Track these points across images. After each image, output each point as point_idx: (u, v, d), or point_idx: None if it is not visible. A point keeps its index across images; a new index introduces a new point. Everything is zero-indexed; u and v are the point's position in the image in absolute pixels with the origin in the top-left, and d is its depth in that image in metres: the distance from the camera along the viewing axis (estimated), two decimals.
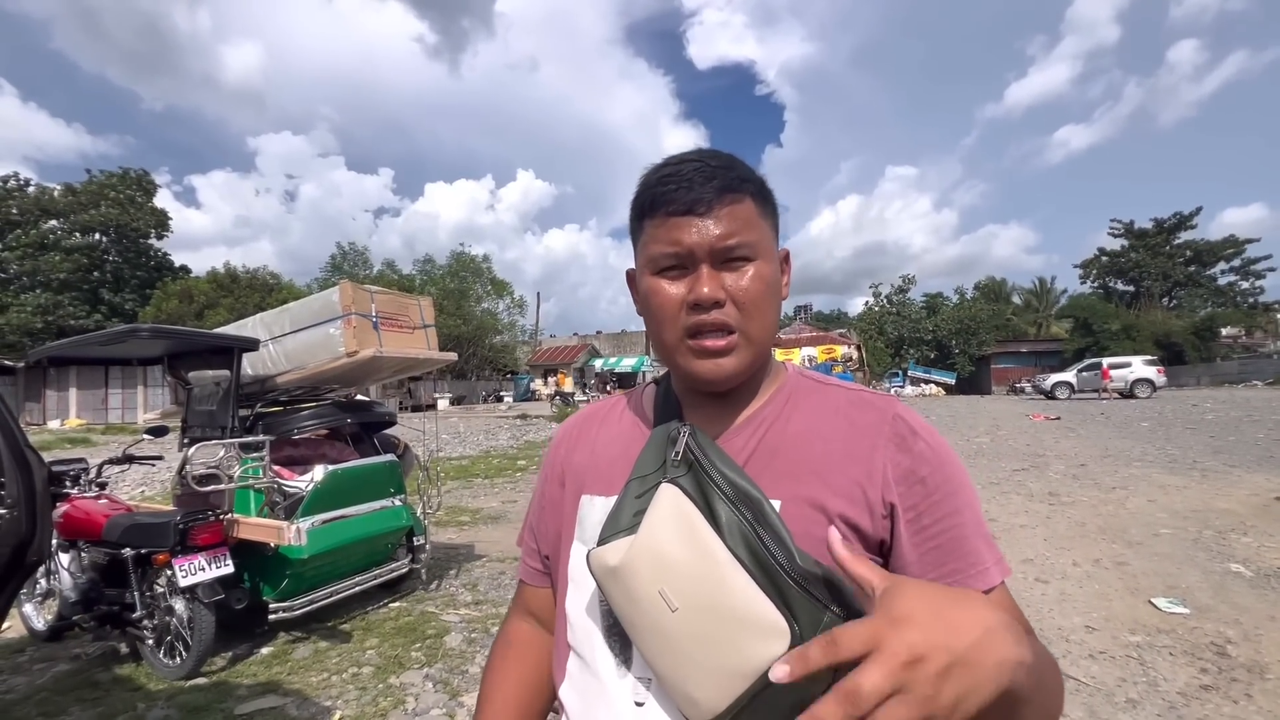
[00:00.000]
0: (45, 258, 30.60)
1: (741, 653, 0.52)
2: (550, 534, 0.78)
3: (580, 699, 0.67)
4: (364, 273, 37.79)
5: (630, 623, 0.60)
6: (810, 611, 0.52)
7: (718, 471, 0.60)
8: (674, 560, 0.57)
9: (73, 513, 3.46)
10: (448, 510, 6.54)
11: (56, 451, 12.71)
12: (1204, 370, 32.65)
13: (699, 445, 0.63)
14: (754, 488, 0.59)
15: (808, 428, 0.66)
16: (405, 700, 2.78)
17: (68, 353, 4.14)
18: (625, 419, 0.78)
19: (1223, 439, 10.28)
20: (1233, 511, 5.54)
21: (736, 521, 0.56)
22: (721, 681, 0.53)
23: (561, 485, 0.78)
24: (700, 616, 0.54)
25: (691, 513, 0.58)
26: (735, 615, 0.53)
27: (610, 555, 0.60)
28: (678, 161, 0.65)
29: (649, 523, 0.60)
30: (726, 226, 0.62)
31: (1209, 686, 2.69)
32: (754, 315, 0.63)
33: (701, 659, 0.54)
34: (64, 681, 3.08)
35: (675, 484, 0.61)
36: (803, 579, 0.52)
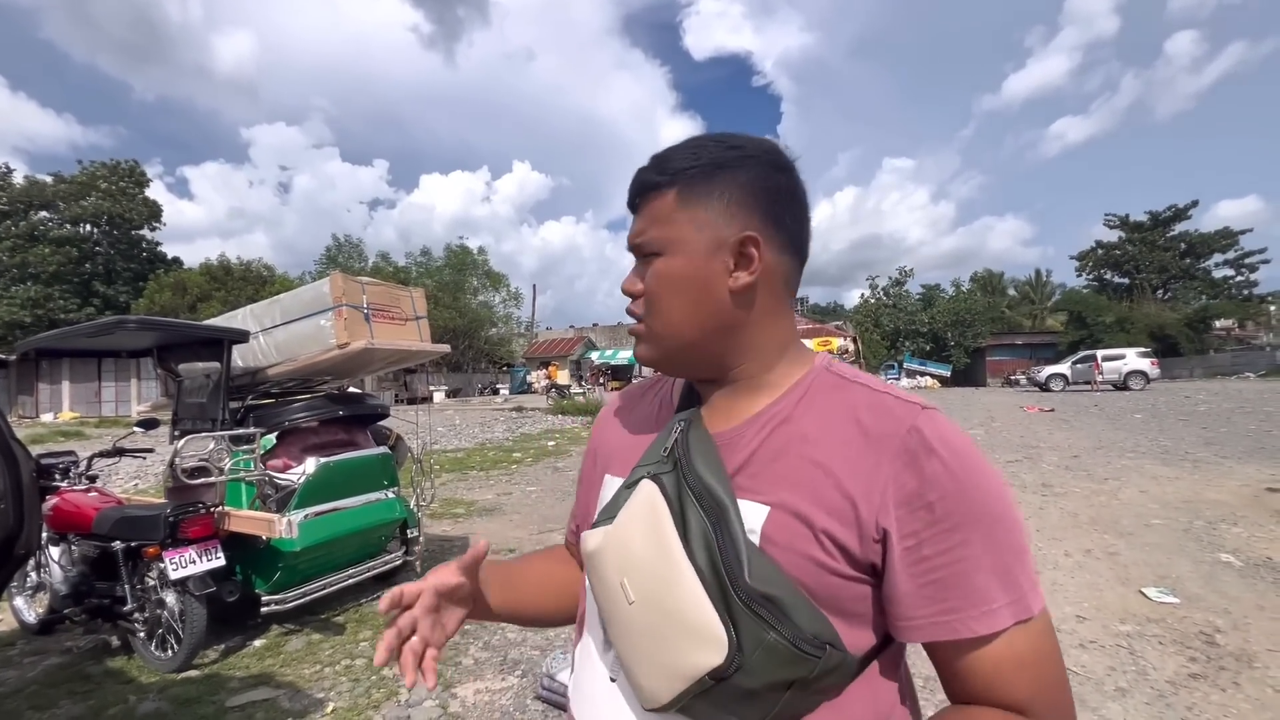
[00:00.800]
0: (35, 250, 30.33)
1: (682, 655, 0.54)
2: (583, 509, 0.81)
3: (580, 666, 0.72)
4: (359, 265, 37.60)
5: (601, 606, 0.64)
6: (753, 629, 0.52)
7: (693, 472, 0.60)
8: (636, 555, 0.59)
9: (62, 506, 3.44)
10: (442, 503, 6.53)
11: (49, 444, 12.64)
12: (1197, 362, 32.85)
13: (685, 442, 0.63)
14: (726, 494, 0.58)
15: (816, 431, 0.60)
16: (398, 692, 2.77)
17: (56, 345, 4.10)
18: (656, 400, 0.78)
19: (1215, 430, 10.35)
20: (1223, 502, 5.58)
21: (702, 525, 0.57)
22: (663, 677, 0.56)
23: (594, 463, 0.80)
24: (652, 613, 0.57)
25: (661, 511, 0.59)
26: (681, 619, 0.54)
27: (591, 540, 0.64)
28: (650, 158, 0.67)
29: (624, 514, 0.62)
30: (639, 224, 0.65)
31: (1197, 675, 2.71)
32: (652, 311, 0.65)
33: (650, 653, 0.57)
34: (55, 675, 3.07)
35: (657, 480, 0.62)
36: (748, 596, 0.53)
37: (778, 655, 0.52)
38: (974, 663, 0.55)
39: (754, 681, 0.52)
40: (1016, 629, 0.54)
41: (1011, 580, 0.54)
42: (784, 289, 0.65)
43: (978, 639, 0.54)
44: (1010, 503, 0.56)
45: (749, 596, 0.52)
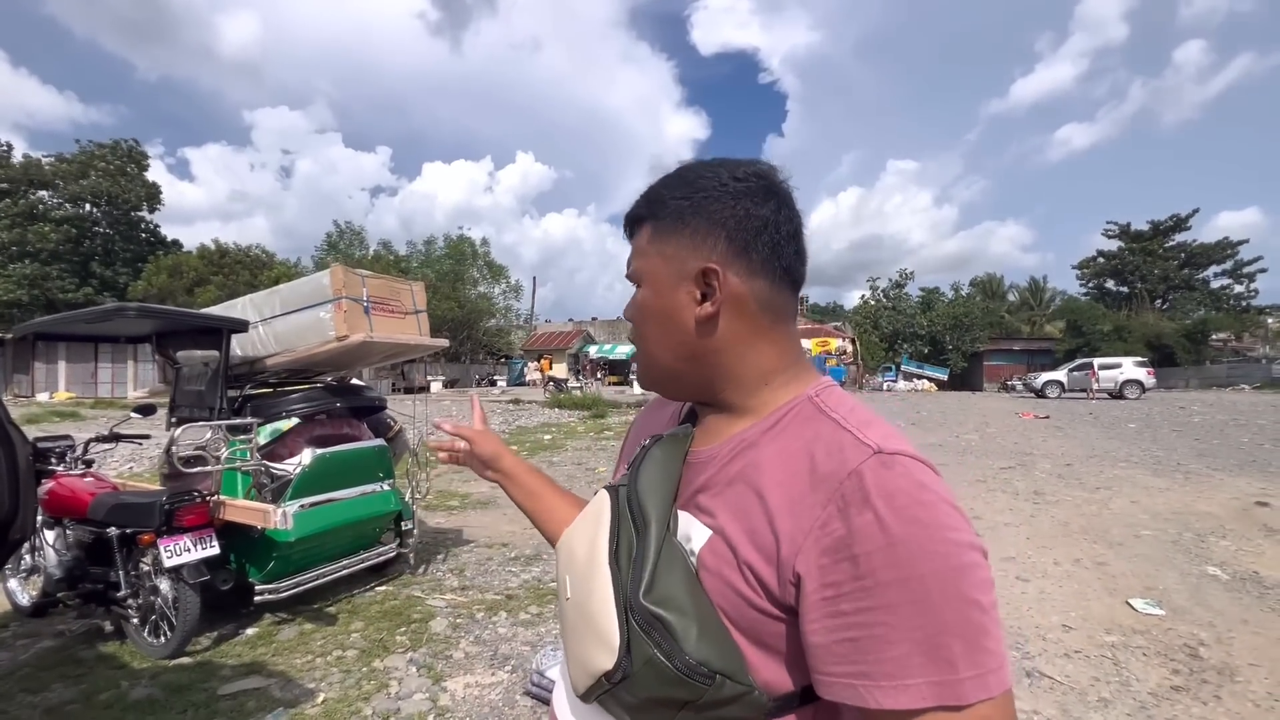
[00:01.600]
0: (34, 228, 30.18)
1: (588, 654, 0.59)
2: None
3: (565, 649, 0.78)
4: (360, 253, 37.47)
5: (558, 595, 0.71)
6: (640, 645, 0.55)
7: (634, 487, 0.64)
8: (576, 556, 0.65)
9: (58, 490, 3.45)
10: (437, 495, 6.55)
11: (45, 425, 12.62)
12: (1193, 373, 32.97)
13: (644, 455, 0.68)
14: (656, 509, 0.61)
15: (770, 462, 0.59)
16: (389, 684, 2.80)
17: (55, 329, 4.10)
18: (668, 413, 0.82)
19: (1208, 442, 10.41)
20: (1213, 515, 5.62)
21: (629, 539, 0.61)
22: (579, 671, 0.61)
23: (618, 466, 0.86)
24: (576, 611, 0.62)
25: (603, 519, 0.64)
26: (592, 620, 0.59)
27: (561, 537, 0.71)
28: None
29: (579, 518, 0.69)
30: (630, 255, 0.69)
31: (1180, 688, 2.74)
32: (637, 338, 0.71)
33: (572, 645, 0.63)
34: (47, 658, 3.08)
35: (612, 489, 0.67)
36: (637, 612, 0.55)
37: (659, 673, 0.53)
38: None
39: (641, 692, 0.55)
40: (940, 714, 0.46)
41: (940, 658, 0.46)
42: (761, 316, 0.63)
43: (891, 713, 0.47)
44: (963, 570, 0.48)
45: (640, 614, 0.55)
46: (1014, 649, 3.13)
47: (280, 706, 2.60)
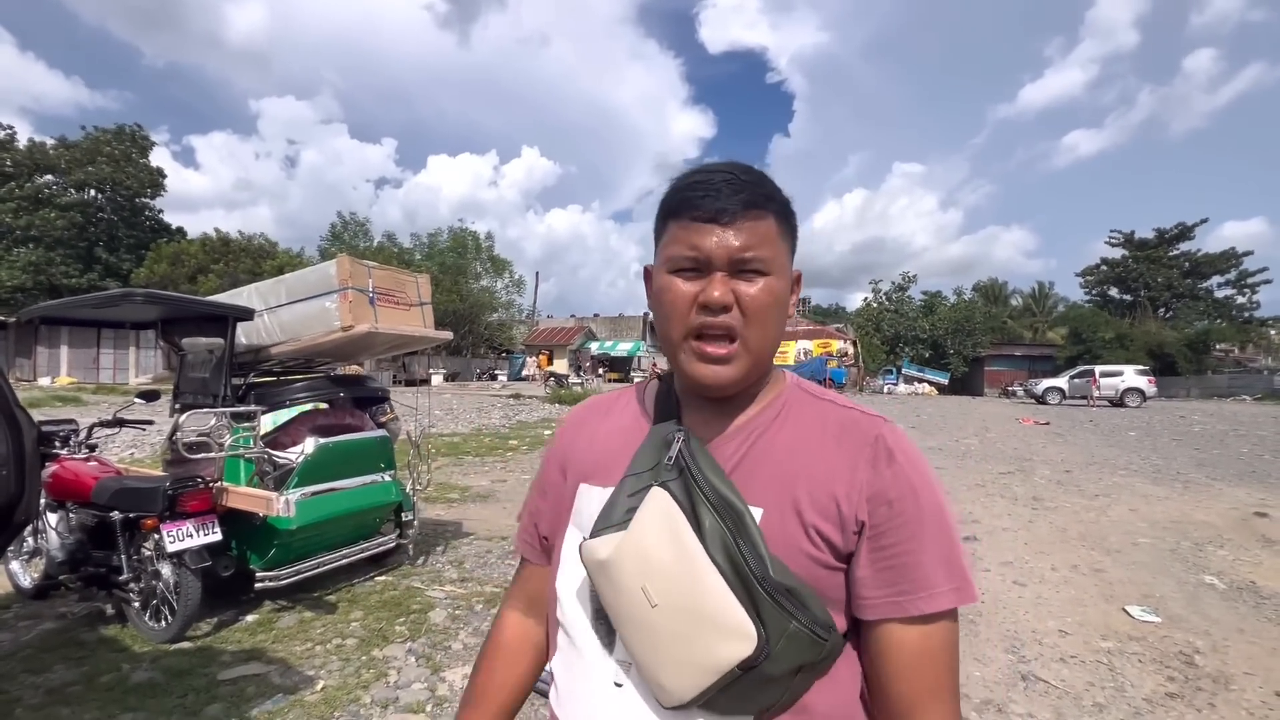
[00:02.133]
0: (39, 213, 30.20)
1: (711, 651, 0.58)
2: (550, 517, 0.81)
3: (567, 673, 0.72)
4: (364, 244, 37.50)
5: (614, 612, 0.65)
6: (778, 620, 0.57)
7: (705, 480, 0.64)
8: (657, 560, 0.61)
9: (62, 473, 3.46)
10: (437, 487, 6.57)
11: (47, 409, 12.66)
12: (1195, 382, 32.91)
13: (690, 452, 0.66)
14: (738, 498, 0.63)
15: (795, 440, 0.68)
16: (388, 673, 2.81)
17: (60, 313, 4.11)
18: (628, 413, 0.80)
19: (1207, 451, 10.41)
20: (1211, 524, 5.63)
21: (718, 529, 0.61)
22: (692, 674, 0.59)
23: (563, 472, 0.80)
24: (676, 614, 0.60)
25: (677, 516, 0.63)
26: (708, 616, 0.58)
27: (601, 549, 0.65)
28: (710, 170, 0.67)
29: (638, 522, 0.64)
30: (746, 239, 0.64)
31: (1174, 694, 2.75)
32: (757, 326, 0.65)
33: (675, 652, 0.60)
34: (49, 640, 3.11)
35: (665, 487, 0.65)
36: (773, 589, 0.58)
37: (799, 642, 0.58)
38: (901, 645, 0.63)
39: (777, 668, 0.58)
40: (943, 623, 0.63)
41: (954, 569, 0.63)
42: None
43: (918, 617, 0.62)
44: (947, 505, 0.66)
45: (774, 590, 0.58)
46: (1010, 653, 3.14)
47: (280, 693, 2.62)
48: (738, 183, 0.65)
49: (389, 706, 2.55)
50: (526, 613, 0.84)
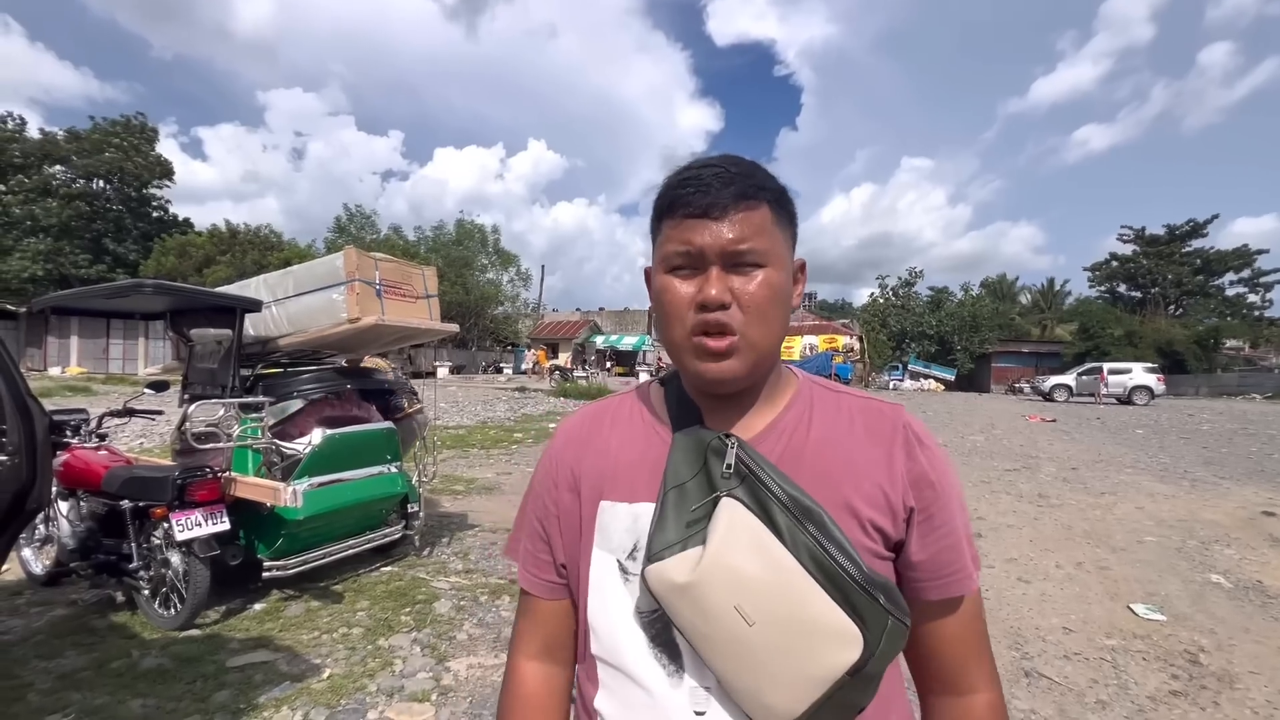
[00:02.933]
0: (46, 203, 30.38)
1: (819, 660, 0.57)
2: (567, 542, 0.75)
3: (624, 709, 0.66)
4: (370, 236, 37.53)
5: (702, 636, 0.60)
6: (877, 617, 0.58)
7: (776, 484, 0.63)
8: (748, 576, 0.59)
9: (73, 462, 3.50)
10: (443, 479, 6.60)
11: (57, 399, 12.79)
12: (1204, 380, 32.65)
13: (751, 458, 0.64)
14: (811, 500, 0.62)
15: (827, 435, 0.69)
16: (393, 662, 2.84)
17: (71, 304, 4.14)
18: (637, 421, 0.76)
19: (1215, 450, 10.34)
20: (1218, 523, 5.60)
21: (799, 534, 0.60)
22: (799, 689, 0.58)
23: (574, 491, 0.74)
24: (777, 629, 0.58)
25: (758, 527, 0.61)
26: (812, 626, 0.58)
27: (675, 572, 0.60)
28: (700, 166, 0.65)
29: (717, 537, 0.61)
30: (739, 231, 0.62)
31: (1178, 693, 2.75)
32: (757, 320, 0.64)
33: (778, 669, 0.58)
34: (60, 626, 3.15)
35: (734, 497, 0.63)
36: (872, 587, 0.58)
37: (896, 636, 0.59)
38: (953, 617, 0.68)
39: (879, 667, 0.58)
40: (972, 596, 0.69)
41: (972, 545, 0.69)
42: None
43: (959, 599, 0.67)
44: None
45: (873, 587, 0.58)
46: (1013, 649, 3.14)
47: (287, 680, 2.65)
48: (727, 175, 0.63)
49: (394, 695, 2.58)
50: (545, 659, 0.77)
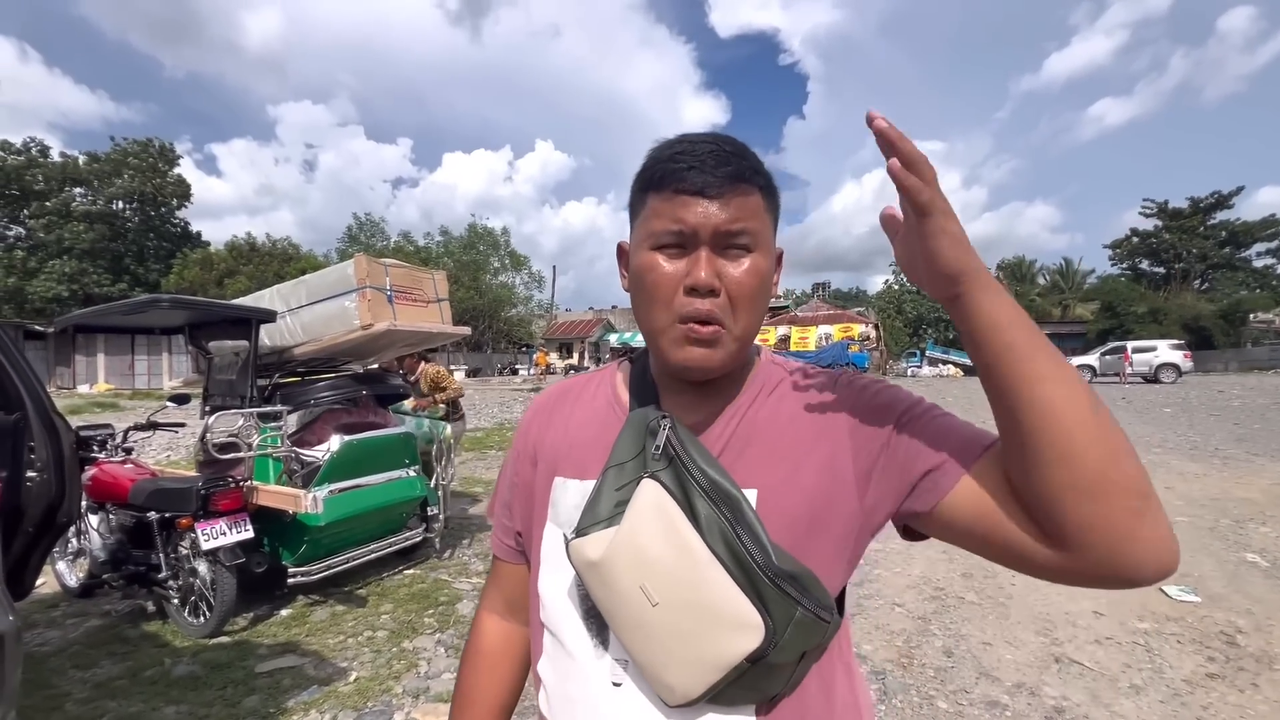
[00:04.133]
0: (70, 226, 31.14)
1: (718, 646, 0.56)
2: (523, 513, 0.78)
3: (557, 676, 0.69)
4: (381, 244, 37.93)
5: (610, 613, 0.62)
6: (783, 608, 0.55)
7: (698, 468, 0.60)
8: (655, 557, 0.58)
9: (100, 476, 3.58)
10: (462, 481, 6.65)
11: (86, 416, 13.09)
12: (1233, 355, 31.83)
13: (679, 440, 0.63)
14: (732, 485, 0.60)
15: (776, 413, 0.67)
16: (418, 664, 2.87)
17: (93, 321, 4.24)
18: (599, 399, 0.76)
19: (1247, 426, 10.07)
20: (1252, 501, 5.45)
21: (716, 519, 0.58)
22: (698, 671, 0.57)
23: (533, 464, 0.76)
24: (679, 612, 0.57)
25: (673, 510, 0.59)
26: (712, 611, 0.56)
27: (591, 548, 0.61)
28: (692, 141, 0.63)
29: (630, 518, 0.61)
30: (733, 213, 0.60)
31: (1215, 675, 2.68)
32: (743, 310, 0.63)
33: (679, 650, 0.57)
34: (95, 636, 3.22)
35: (656, 479, 0.61)
36: (777, 577, 0.55)
37: (805, 628, 0.55)
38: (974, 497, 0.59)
39: (784, 657, 0.56)
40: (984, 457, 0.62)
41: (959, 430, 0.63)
42: None
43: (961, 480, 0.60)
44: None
45: (778, 577, 0.55)
46: (1042, 635, 3.09)
47: (315, 684, 2.69)
48: (723, 154, 0.61)
49: (420, 696, 2.60)
50: (505, 616, 0.82)
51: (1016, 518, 0.54)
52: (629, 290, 0.69)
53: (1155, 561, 0.49)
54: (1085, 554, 0.50)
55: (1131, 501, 0.49)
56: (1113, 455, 0.49)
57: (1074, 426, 0.50)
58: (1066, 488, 0.49)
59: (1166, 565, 0.50)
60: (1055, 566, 0.53)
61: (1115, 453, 0.49)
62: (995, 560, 0.57)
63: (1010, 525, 0.54)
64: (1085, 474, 0.49)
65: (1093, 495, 0.49)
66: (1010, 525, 0.54)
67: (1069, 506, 0.50)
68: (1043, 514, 0.52)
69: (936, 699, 2.56)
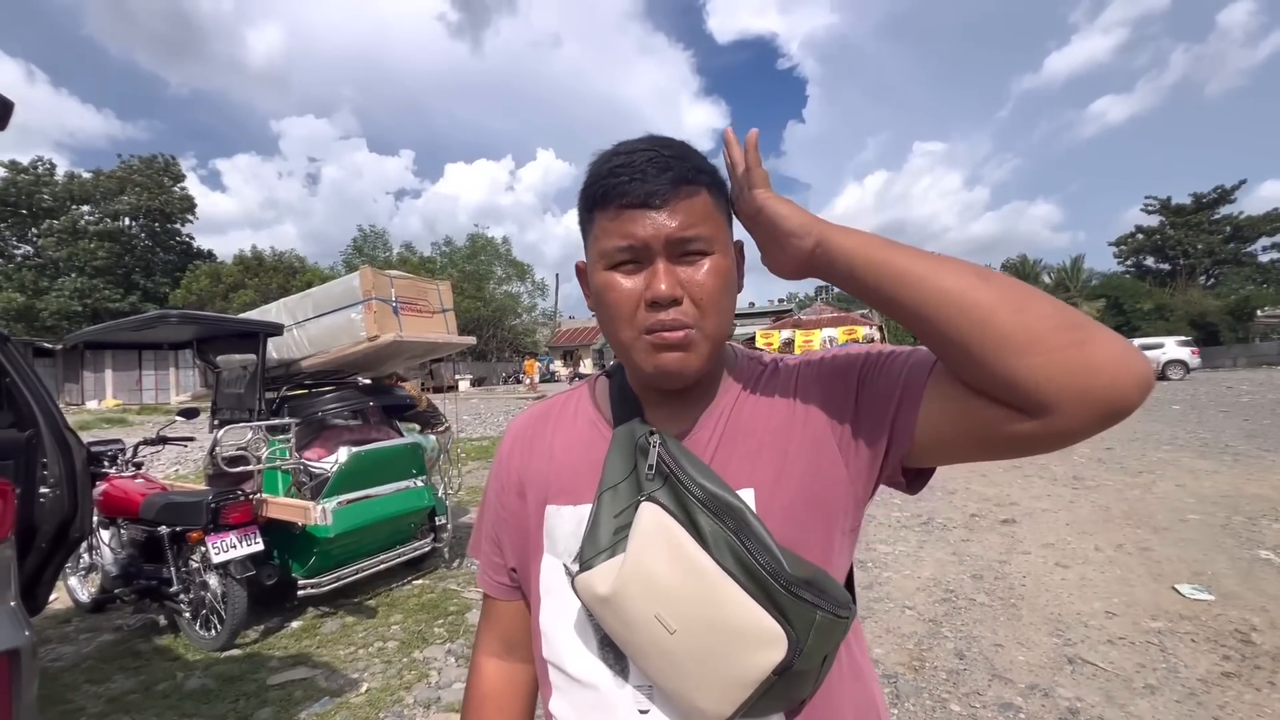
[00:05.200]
0: (79, 244, 31.47)
1: (744, 663, 0.55)
2: (515, 546, 0.75)
3: (575, 711, 0.66)
4: (384, 255, 38.17)
5: (626, 644, 0.60)
6: (802, 614, 0.54)
7: (695, 483, 0.59)
8: (666, 583, 0.57)
9: (111, 491, 3.61)
10: (469, 490, 6.66)
11: (95, 431, 13.19)
12: (1240, 351, 31.60)
13: (672, 455, 0.61)
14: (731, 495, 0.59)
15: (758, 408, 0.67)
16: (429, 674, 2.87)
17: (102, 337, 4.28)
18: (581, 419, 0.74)
19: (1257, 422, 9.99)
20: (1265, 497, 5.41)
21: (721, 534, 0.57)
22: (726, 691, 0.56)
23: (521, 495, 0.74)
24: (699, 635, 0.56)
25: (677, 531, 0.58)
26: (733, 630, 0.55)
27: (599, 582, 0.59)
28: (628, 151, 0.61)
29: (635, 546, 0.59)
30: (683, 219, 0.59)
31: (1231, 674, 2.65)
32: (711, 311, 0.61)
33: (704, 674, 0.56)
34: (107, 650, 3.24)
35: (654, 500, 0.60)
36: (792, 584, 0.55)
37: (825, 631, 0.55)
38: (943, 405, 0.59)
39: (810, 663, 0.55)
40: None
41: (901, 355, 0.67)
42: None
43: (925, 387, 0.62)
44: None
45: (794, 585, 0.54)
46: (1055, 636, 3.07)
47: (326, 696, 2.69)
48: (662, 159, 0.59)
49: (431, 706, 2.60)
50: (505, 656, 0.78)
51: (988, 409, 0.53)
52: (593, 310, 0.68)
53: (1127, 376, 0.48)
54: (1060, 405, 0.49)
55: (1065, 336, 0.48)
56: (1020, 305, 0.50)
57: (972, 299, 0.50)
58: (1001, 356, 0.50)
59: (1140, 374, 0.48)
60: (1049, 432, 0.51)
61: (1022, 301, 0.50)
62: (1002, 455, 0.57)
63: (988, 418, 0.54)
64: (1007, 334, 0.49)
65: (1026, 349, 0.49)
66: (988, 418, 0.54)
67: (1015, 371, 0.49)
68: (1003, 393, 0.51)
69: (949, 702, 2.55)
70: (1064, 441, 0.52)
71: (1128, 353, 0.48)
